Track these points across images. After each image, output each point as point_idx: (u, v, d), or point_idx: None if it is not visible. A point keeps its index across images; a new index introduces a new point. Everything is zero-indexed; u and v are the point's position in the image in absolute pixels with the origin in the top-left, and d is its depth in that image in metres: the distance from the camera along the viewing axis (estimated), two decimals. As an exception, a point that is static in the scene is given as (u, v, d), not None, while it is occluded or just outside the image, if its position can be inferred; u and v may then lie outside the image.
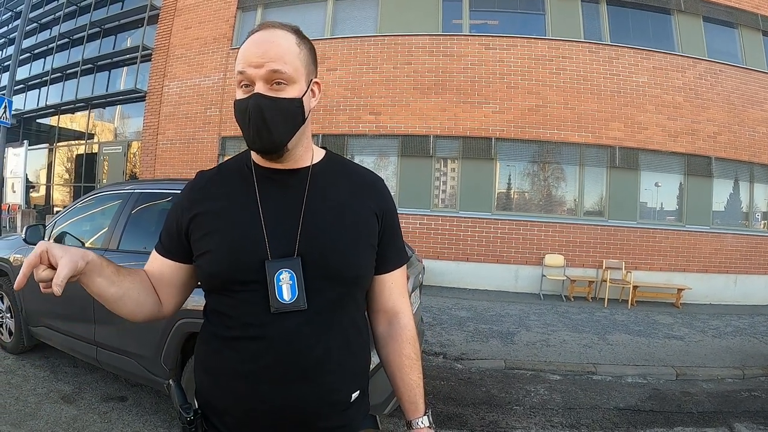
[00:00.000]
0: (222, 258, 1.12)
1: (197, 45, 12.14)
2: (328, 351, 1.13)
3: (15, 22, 18.04)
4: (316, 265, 1.12)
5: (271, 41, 1.10)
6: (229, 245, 1.12)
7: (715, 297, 10.03)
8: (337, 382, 1.17)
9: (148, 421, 3.61)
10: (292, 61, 1.11)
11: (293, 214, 1.15)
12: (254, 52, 1.09)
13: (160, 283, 1.23)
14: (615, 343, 6.33)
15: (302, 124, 1.16)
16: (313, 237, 1.14)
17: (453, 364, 5.33)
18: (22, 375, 4.28)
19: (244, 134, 1.12)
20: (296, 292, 1.10)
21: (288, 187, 1.19)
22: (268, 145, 1.11)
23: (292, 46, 1.12)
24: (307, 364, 1.10)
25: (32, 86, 17.43)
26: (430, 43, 10.30)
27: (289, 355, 1.09)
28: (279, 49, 1.09)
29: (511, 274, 9.85)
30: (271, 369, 1.09)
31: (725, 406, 4.62)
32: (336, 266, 1.14)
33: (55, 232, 4.39)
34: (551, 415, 4.20)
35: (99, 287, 1.05)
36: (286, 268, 1.10)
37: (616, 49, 10.15)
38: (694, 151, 10.16)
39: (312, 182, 1.20)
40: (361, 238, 1.21)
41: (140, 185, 4.09)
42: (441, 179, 10.40)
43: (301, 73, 1.13)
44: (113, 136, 15.05)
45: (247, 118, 1.09)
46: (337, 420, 1.18)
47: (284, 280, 1.09)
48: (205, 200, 1.19)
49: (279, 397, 1.10)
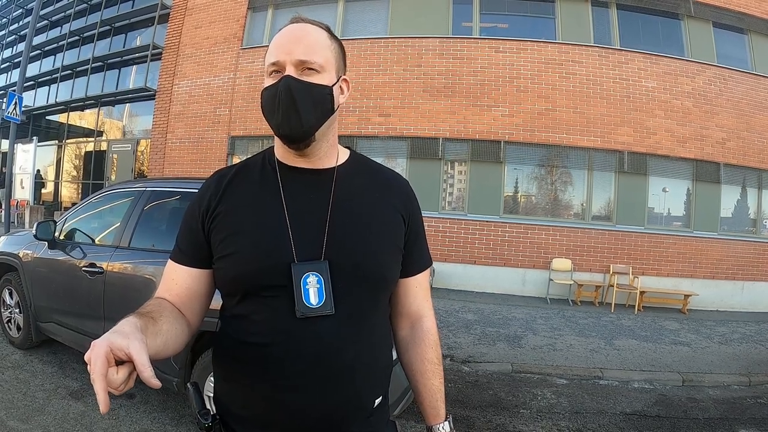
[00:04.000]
0: (247, 260, 1.08)
1: (207, 44, 12.18)
2: (356, 357, 1.09)
3: (26, 19, 18.17)
4: (343, 268, 1.09)
5: (303, 32, 1.09)
6: (254, 247, 1.08)
7: (722, 303, 9.97)
8: (365, 387, 1.14)
9: (156, 418, 3.62)
10: (324, 52, 1.10)
11: (320, 216, 1.12)
12: (287, 40, 1.08)
13: (190, 300, 1.16)
14: (622, 348, 6.31)
15: (331, 114, 1.13)
16: (340, 239, 1.10)
17: (460, 367, 5.32)
18: (30, 371, 4.30)
19: (271, 120, 1.09)
20: (323, 297, 1.06)
21: (314, 187, 1.16)
22: (296, 130, 1.08)
23: (324, 40, 1.11)
24: (336, 371, 1.07)
25: (42, 83, 17.58)
26: (440, 46, 10.30)
27: (317, 362, 1.05)
28: (311, 39, 1.09)
29: (518, 278, 9.83)
30: (297, 376, 1.05)
31: (731, 412, 4.60)
32: (364, 269, 1.11)
33: (65, 228, 4.41)
34: (558, 419, 4.19)
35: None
36: (313, 272, 1.06)
37: (626, 53, 10.11)
38: (702, 156, 10.11)
39: (338, 183, 1.17)
40: (389, 241, 1.18)
41: (151, 183, 4.11)
42: (449, 182, 10.41)
43: (331, 65, 1.12)
44: (122, 134, 15.15)
45: (276, 101, 1.06)
46: (364, 427, 1.15)
47: (311, 284, 1.06)
48: (226, 199, 1.15)
49: (306, 405, 1.06)
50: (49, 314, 4.34)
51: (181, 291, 1.15)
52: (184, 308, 1.14)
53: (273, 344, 1.06)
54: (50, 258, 4.31)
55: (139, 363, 0.76)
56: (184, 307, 1.14)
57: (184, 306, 1.14)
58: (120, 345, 0.77)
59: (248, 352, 1.09)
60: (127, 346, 0.77)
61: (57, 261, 4.25)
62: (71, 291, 4.07)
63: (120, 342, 0.78)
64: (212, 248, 1.13)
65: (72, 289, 4.05)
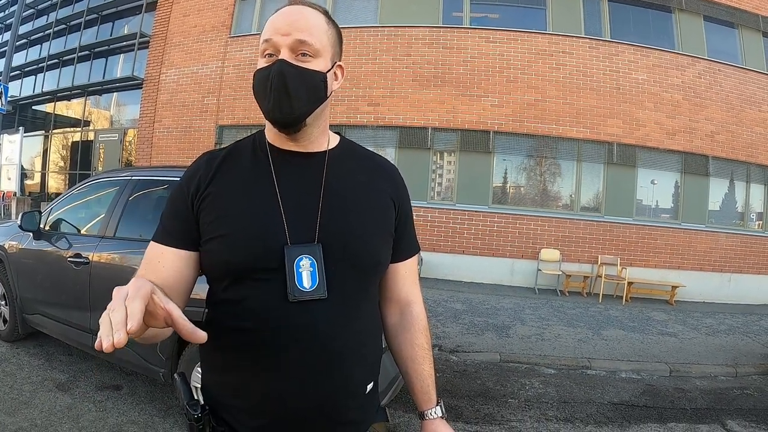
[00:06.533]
0: (238, 243, 1.05)
1: (195, 33, 12.06)
2: (349, 341, 1.08)
3: (12, 8, 17.87)
4: (336, 251, 1.08)
5: (300, 13, 1.07)
6: (246, 229, 1.06)
7: (709, 295, 10.08)
8: (357, 372, 1.13)
9: (144, 410, 3.60)
10: (320, 35, 1.08)
11: (312, 199, 1.10)
12: (283, 20, 1.06)
13: (178, 283, 1.10)
14: (609, 339, 6.35)
15: (323, 101, 1.11)
16: (333, 222, 1.09)
17: (448, 357, 5.34)
18: (17, 363, 4.26)
19: (262, 104, 1.07)
20: (317, 280, 1.04)
21: (305, 171, 1.14)
22: (287, 115, 1.06)
23: (321, 23, 1.10)
24: (330, 356, 1.05)
25: (28, 72, 17.34)
26: (430, 35, 10.25)
27: (310, 346, 1.03)
28: (308, 21, 1.07)
29: (506, 268, 9.86)
30: (289, 361, 1.03)
31: (718, 403, 4.65)
32: (357, 253, 1.10)
33: (51, 219, 4.37)
34: (546, 409, 4.22)
35: None
36: (306, 255, 1.05)
37: (616, 45, 10.13)
38: (691, 149, 10.18)
39: (329, 166, 1.16)
40: (380, 225, 1.17)
41: (137, 172, 4.05)
42: (438, 172, 10.40)
43: (327, 50, 1.10)
44: (109, 124, 14.99)
45: (268, 85, 1.04)
46: (356, 413, 1.14)
47: (304, 267, 1.04)
48: (216, 180, 1.12)
49: (298, 391, 1.04)
50: (35, 306, 4.30)
51: (169, 274, 1.09)
52: (171, 292, 1.02)
53: (264, 329, 1.04)
54: (36, 249, 4.27)
55: (176, 316, 0.77)
56: (172, 291, 1.04)
57: (172, 290, 1.05)
58: (161, 295, 0.78)
59: (239, 338, 1.06)
60: (166, 300, 0.78)
61: (42, 252, 4.20)
62: (57, 282, 4.03)
63: (160, 292, 0.78)
64: (200, 230, 1.10)
65: (58, 280, 4.01)
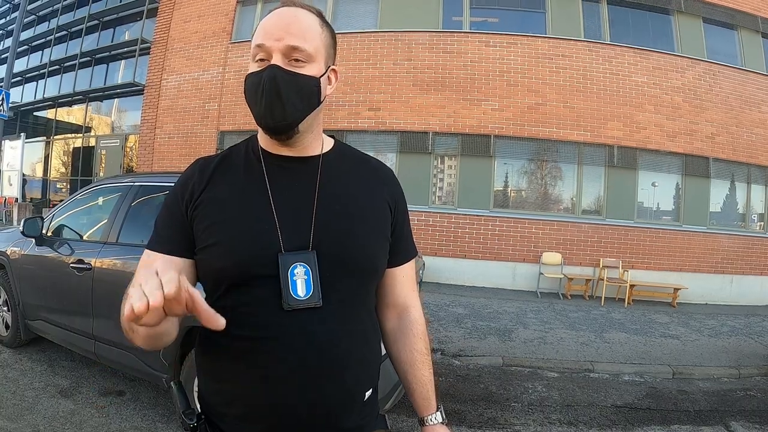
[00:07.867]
0: (231, 251, 1.03)
1: (196, 39, 12.09)
2: (345, 349, 1.06)
3: (13, 14, 17.94)
4: (332, 258, 1.06)
5: (294, 16, 1.05)
6: (240, 237, 1.04)
7: (711, 297, 10.05)
8: (356, 381, 1.11)
9: (147, 415, 3.60)
10: (314, 39, 1.06)
11: (306, 204, 1.08)
12: (276, 25, 1.04)
13: None
14: (612, 342, 6.34)
15: (317, 107, 1.09)
16: (327, 228, 1.07)
17: (451, 361, 5.33)
18: (20, 369, 4.26)
19: (254, 109, 1.05)
20: (311, 288, 1.02)
21: (299, 176, 1.12)
22: (279, 122, 1.04)
23: (315, 26, 1.07)
24: (325, 364, 1.03)
25: (30, 78, 17.38)
26: (430, 40, 10.27)
27: (305, 355, 1.01)
28: (301, 25, 1.04)
29: (508, 272, 9.85)
30: (285, 370, 1.01)
31: (721, 404, 4.64)
32: (353, 259, 1.09)
33: (53, 224, 4.37)
34: (549, 412, 4.21)
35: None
36: (301, 262, 1.03)
37: (616, 48, 10.15)
38: (691, 151, 10.17)
39: (324, 171, 1.14)
40: (377, 229, 1.16)
41: (139, 178, 4.07)
42: (439, 176, 10.40)
43: (321, 54, 1.08)
44: (110, 130, 15.01)
45: (260, 91, 1.02)
46: (355, 420, 1.12)
47: (299, 275, 1.02)
48: (209, 187, 1.10)
49: (295, 399, 1.02)
50: (38, 312, 4.31)
51: None
52: None
53: (260, 338, 1.02)
54: (38, 255, 4.27)
55: (198, 300, 0.77)
56: None
57: None
58: (185, 279, 0.77)
59: (234, 347, 1.05)
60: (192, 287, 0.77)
61: (45, 258, 4.20)
62: (59, 288, 4.03)
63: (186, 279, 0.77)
64: (195, 237, 1.08)
65: (60, 286, 4.01)
